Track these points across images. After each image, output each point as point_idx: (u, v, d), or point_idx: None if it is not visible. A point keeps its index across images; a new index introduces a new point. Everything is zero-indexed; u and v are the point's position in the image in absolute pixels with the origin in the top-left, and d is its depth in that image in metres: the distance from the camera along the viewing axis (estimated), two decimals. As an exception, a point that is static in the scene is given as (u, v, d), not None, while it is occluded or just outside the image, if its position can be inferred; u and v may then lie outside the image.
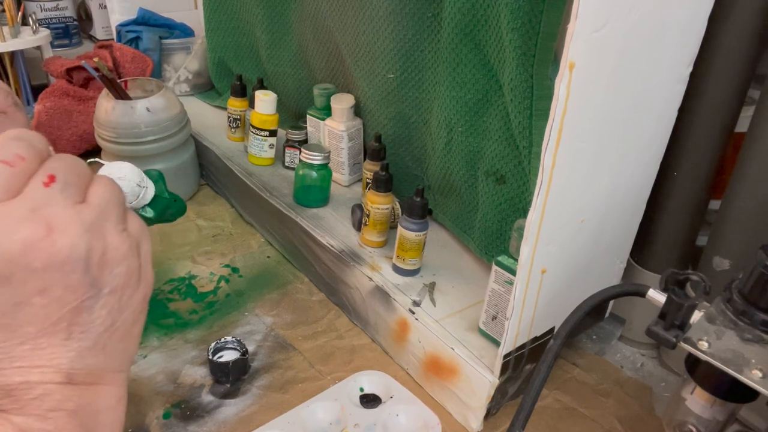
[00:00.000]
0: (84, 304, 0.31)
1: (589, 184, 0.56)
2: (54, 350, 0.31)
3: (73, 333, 0.31)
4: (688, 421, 0.48)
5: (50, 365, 0.31)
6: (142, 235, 0.35)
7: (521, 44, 0.59)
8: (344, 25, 0.84)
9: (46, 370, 0.30)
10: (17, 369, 0.30)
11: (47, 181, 0.30)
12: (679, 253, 0.70)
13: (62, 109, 1.06)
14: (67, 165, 0.32)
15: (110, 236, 0.32)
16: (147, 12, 1.23)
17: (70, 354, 0.31)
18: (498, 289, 0.63)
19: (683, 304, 0.43)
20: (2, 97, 0.41)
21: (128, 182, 0.48)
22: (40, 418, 0.30)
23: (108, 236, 0.32)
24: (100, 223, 0.32)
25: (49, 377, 0.31)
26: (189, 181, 1.03)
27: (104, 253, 0.32)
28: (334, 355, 0.73)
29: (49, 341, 0.30)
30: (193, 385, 0.68)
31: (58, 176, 0.31)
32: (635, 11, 0.47)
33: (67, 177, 0.31)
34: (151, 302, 0.88)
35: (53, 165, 0.31)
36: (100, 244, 0.31)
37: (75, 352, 0.31)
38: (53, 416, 0.31)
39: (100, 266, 0.31)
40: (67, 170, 0.31)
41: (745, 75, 0.60)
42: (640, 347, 0.76)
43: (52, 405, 0.31)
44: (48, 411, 0.30)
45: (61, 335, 0.31)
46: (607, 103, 0.51)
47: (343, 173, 0.93)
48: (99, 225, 0.32)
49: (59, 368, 0.31)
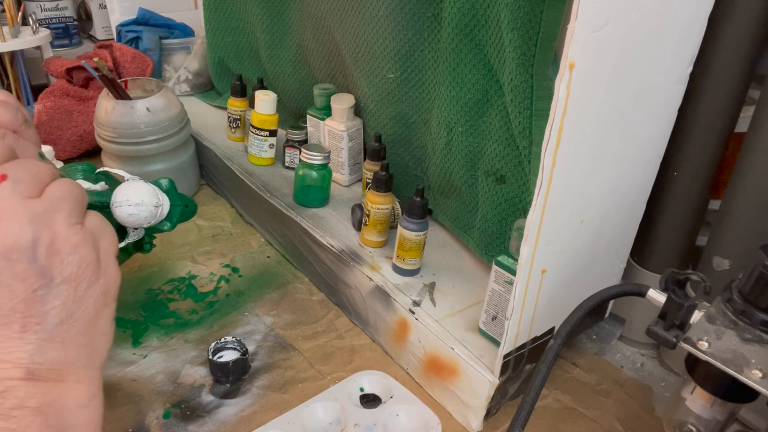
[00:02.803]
0: (36, 294, 0.32)
1: (589, 184, 0.56)
2: (11, 344, 0.31)
3: (28, 325, 0.31)
4: (688, 421, 0.48)
5: (9, 360, 0.31)
6: (102, 231, 0.36)
7: (521, 44, 0.59)
8: (344, 25, 0.84)
9: (4, 366, 0.30)
10: None
11: None
12: (679, 253, 0.70)
13: (62, 109, 1.06)
14: (21, 166, 0.34)
15: (59, 227, 0.33)
16: (147, 12, 1.23)
17: (28, 347, 0.31)
18: (498, 289, 0.63)
19: (683, 304, 0.43)
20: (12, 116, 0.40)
21: (146, 207, 0.49)
22: (3, 417, 0.30)
23: (57, 227, 0.33)
24: (49, 215, 0.33)
25: (9, 373, 0.30)
26: (189, 181, 1.03)
27: (52, 242, 0.33)
28: (334, 355, 0.73)
29: (4, 334, 0.31)
30: (193, 385, 0.68)
31: (9, 174, 0.32)
32: (635, 11, 0.47)
33: (18, 175, 0.33)
34: (151, 302, 0.89)
35: (9, 166, 0.33)
36: (47, 234, 0.32)
37: (33, 345, 0.31)
38: (17, 414, 0.30)
39: (48, 255, 0.32)
40: (19, 170, 0.33)
41: (745, 75, 0.60)
42: (640, 347, 0.76)
43: (14, 403, 0.30)
44: (10, 409, 0.30)
45: (16, 327, 0.31)
46: (607, 103, 0.51)
47: (343, 173, 0.93)
48: (48, 216, 0.33)
49: (19, 363, 0.31)
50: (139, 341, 0.73)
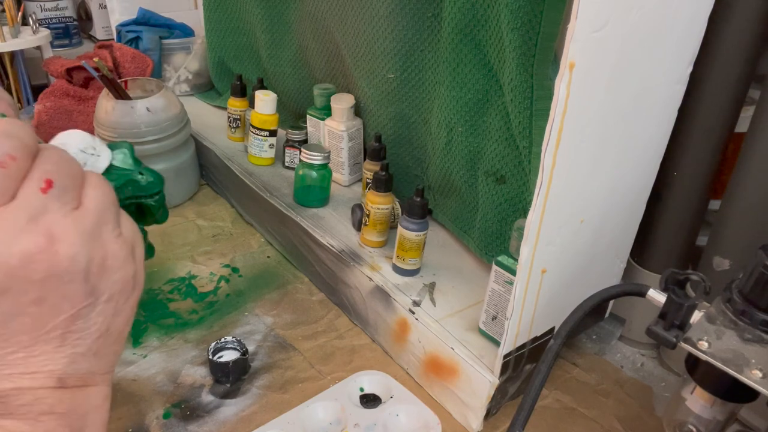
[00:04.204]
0: (80, 312, 0.30)
1: (589, 184, 0.56)
2: (47, 357, 0.30)
3: (68, 339, 0.30)
4: (688, 421, 0.48)
5: (43, 371, 0.30)
6: (136, 237, 0.34)
7: (521, 44, 0.59)
8: (344, 25, 0.84)
9: (37, 376, 0.30)
10: (8, 376, 0.29)
11: (44, 186, 0.28)
12: (679, 253, 0.70)
13: (62, 109, 1.06)
14: (61, 167, 0.30)
15: (109, 243, 0.31)
16: (147, 12, 1.23)
17: (63, 360, 0.30)
18: (498, 289, 0.63)
19: (683, 304, 0.43)
20: None
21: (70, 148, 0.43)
22: (31, 422, 0.30)
23: (107, 243, 0.31)
24: (98, 230, 0.30)
25: (41, 382, 0.30)
26: (189, 181, 1.03)
27: (104, 260, 0.31)
28: (334, 355, 0.73)
29: (43, 348, 0.30)
30: (193, 385, 0.68)
31: (55, 181, 0.29)
32: (635, 11, 0.47)
33: (63, 181, 0.29)
34: (151, 302, 0.88)
35: (47, 167, 0.29)
36: (99, 253, 0.30)
37: (68, 359, 0.31)
38: (44, 420, 0.30)
39: (98, 274, 0.30)
40: (62, 173, 0.30)
41: (745, 75, 0.60)
42: (640, 347, 0.76)
43: (43, 409, 0.30)
44: (39, 415, 0.30)
45: (55, 342, 0.30)
46: (607, 103, 0.51)
47: (343, 173, 0.93)
48: (98, 231, 0.30)
49: (52, 374, 0.30)
50: (139, 341, 0.73)
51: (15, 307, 0.28)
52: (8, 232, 0.27)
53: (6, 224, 0.27)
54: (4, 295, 0.27)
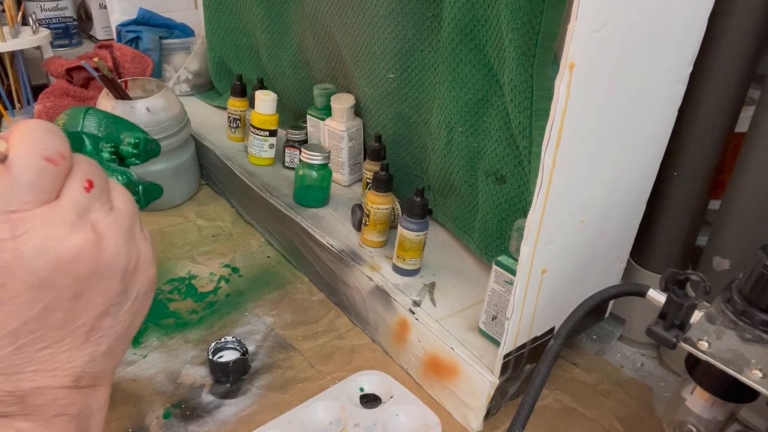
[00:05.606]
0: (109, 309, 0.31)
1: (589, 184, 0.56)
2: (71, 353, 0.30)
3: (92, 337, 0.30)
4: (688, 421, 0.48)
5: (64, 368, 0.30)
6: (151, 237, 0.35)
7: (521, 44, 0.59)
8: (344, 25, 0.84)
9: (57, 374, 0.30)
10: (32, 373, 0.29)
11: (87, 186, 0.29)
12: (679, 253, 0.70)
13: (62, 109, 1.06)
14: (94, 168, 0.31)
15: (140, 242, 0.32)
16: (147, 12, 1.23)
17: (84, 358, 0.31)
18: (498, 289, 0.63)
19: (683, 304, 0.43)
20: None
21: None
22: (44, 424, 0.30)
23: (138, 242, 0.32)
24: (132, 230, 0.31)
25: (60, 381, 0.30)
26: (189, 181, 1.03)
27: (138, 260, 0.31)
28: (334, 355, 0.73)
29: (69, 345, 0.30)
30: (193, 385, 0.68)
31: (95, 181, 0.30)
32: (635, 11, 0.47)
33: (100, 182, 0.30)
34: (151, 302, 0.88)
35: (85, 168, 0.30)
36: (135, 252, 0.31)
37: (89, 357, 0.31)
38: (56, 421, 0.30)
39: (133, 273, 0.31)
40: (98, 175, 0.30)
41: (745, 75, 0.60)
42: (640, 347, 0.76)
43: (57, 410, 0.30)
44: (53, 417, 0.30)
45: (80, 339, 0.30)
46: (607, 103, 0.51)
47: (343, 173, 0.93)
48: (132, 231, 0.31)
49: (71, 372, 0.30)
50: (139, 341, 0.73)
51: (56, 301, 0.28)
52: (61, 228, 0.28)
53: (58, 220, 0.28)
54: (49, 289, 0.28)
